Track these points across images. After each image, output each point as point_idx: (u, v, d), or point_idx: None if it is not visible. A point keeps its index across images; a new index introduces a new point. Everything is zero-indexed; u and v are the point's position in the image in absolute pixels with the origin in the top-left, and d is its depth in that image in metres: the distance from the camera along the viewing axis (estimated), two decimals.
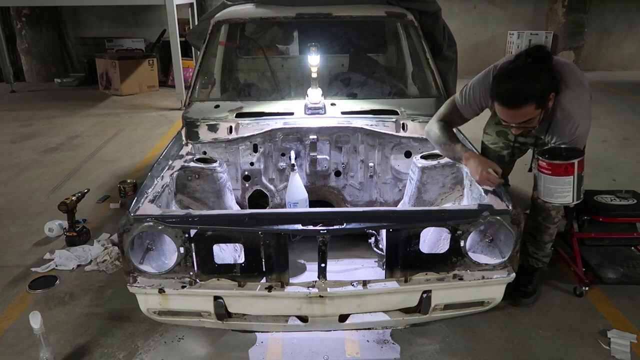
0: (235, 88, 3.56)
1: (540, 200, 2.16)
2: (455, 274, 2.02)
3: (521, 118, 2.07)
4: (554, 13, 9.76)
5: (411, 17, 3.12)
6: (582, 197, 2.12)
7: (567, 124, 2.13)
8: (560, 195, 2.07)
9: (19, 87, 8.71)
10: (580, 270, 2.67)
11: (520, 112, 2.05)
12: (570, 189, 2.05)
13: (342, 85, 3.36)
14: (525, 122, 2.09)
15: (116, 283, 2.75)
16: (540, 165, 2.09)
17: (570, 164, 2.01)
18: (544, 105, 2.06)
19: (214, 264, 1.97)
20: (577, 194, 2.07)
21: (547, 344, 2.29)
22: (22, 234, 3.38)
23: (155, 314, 2.07)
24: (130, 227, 1.90)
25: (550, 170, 2.05)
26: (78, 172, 4.59)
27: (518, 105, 2.03)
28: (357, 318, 2.14)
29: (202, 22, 3.73)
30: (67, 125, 6.26)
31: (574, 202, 2.09)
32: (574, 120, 2.12)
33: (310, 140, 2.71)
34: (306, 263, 2.60)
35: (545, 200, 2.15)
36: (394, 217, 1.96)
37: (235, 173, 2.80)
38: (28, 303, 2.62)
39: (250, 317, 2.10)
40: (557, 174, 2.04)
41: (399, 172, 2.82)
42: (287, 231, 1.92)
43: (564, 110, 2.12)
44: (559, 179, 2.04)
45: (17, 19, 8.95)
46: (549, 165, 2.05)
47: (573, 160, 2.01)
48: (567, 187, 2.05)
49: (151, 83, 8.56)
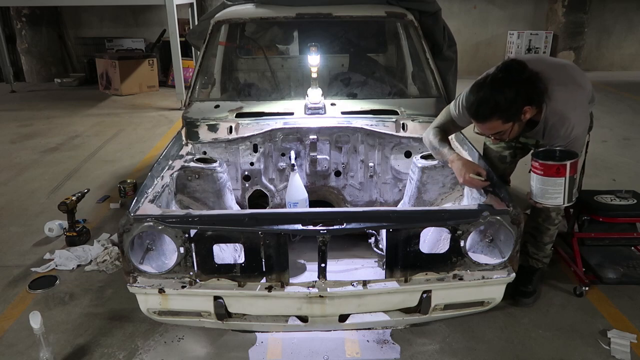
0: (235, 88, 3.56)
1: (531, 201, 2.17)
2: (455, 274, 2.02)
3: (492, 130, 2.11)
4: (554, 13, 9.76)
5: (411, 17, 3.12)
6: (574, 200, 2.11)
7: (562, 126, 2.11)
8: (551, 196, 2.07)
9: (19, 87, 8.71)
10: (580, 270, 2.67)
11: (487, 126, 2.09)
12: (561, 190, 2.04)
13: (342, 85, 3.36)
14: (497, 134, 2.11)
15: (116, 283, 2.75)
16: (533, 166, 2.09)
17: (562, 166, 2.00)
18: (514, 119, 2.05)
19: (214, 264, 1.97)
20: (568, 196, 2.06)
21: (547, 344, 2.29)
22: (22, 234, 3.38)
23: (155, 314, 2.07)
24: (130, 227, 1.90)
25: (542, 171, 2.04)
26: (78, 172, 4.59)
27: (482, 120, 2.07)
28: (357, 318, 2.14)
29: (202, 22, 3.73)
30: (67, 125, 6.26)
31: (564, 204, 2.09)
32: (568, 122, 2.11)
33: (310, 140, 2.71)
34: (306, 263, 2.60)
35: (536, 201, 2.14)
36: (394, 217, 1.96)
37: (235, 173, 2.80)
38: (28, 303, 2.62)
39: (250, 317, 2.10)
40: (548, 174, 2.03)
41: (399, 172, 2.82)
42: (287, 231, 1.92)
43: (557, 113, 2.11)
44: (550, 180, 2.04)
45: (17, 19, 8.95)
46: (541, 166, 2.04)
47: (565, 162, 2.00)
48: (558, 189, 2.04)
49: (151, 83, 8.56)
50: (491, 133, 2.14)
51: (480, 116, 2.07)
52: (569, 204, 2.13)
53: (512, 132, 2.12)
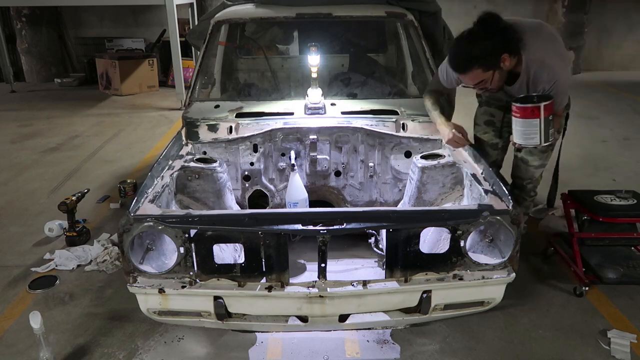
0: (235, 88, 3.56)
1: (513, 143, 2.30)
2: (455, 274, 2.02)
3: (474, 80, 2.25)
4: (554, 13, 9.75)
5: (411, 17, 3.12)
6: (551, 141, 2.25)
7: (544, 71, 2.21)
8: (528, 137, 2.21)
9: (19, 87, 8.71)
10: (580, 270, 2.67)
11: (468, 76, 2.24)
12: (537, 131, 2.18)
13: (342, 85, 3.36)
14: (480, 83, 2.24)
15: (116, 283, 2.75)
16: (512, 110, 2.22)
17: (536, 107, 2.13)
18: (494, 67, 2.18)
19: (214, 264, 1.97)
20: (544, 136, 2.19)
21: (547, 344, 2.30)
22: (22, 234, 3.38)
23: (155, 314, 2.07)
24: (130, 227, 1.90)
25: (519, 114, 2.18)
26: (78, 172, 4.59)
27: (463, 70, 2.24)
28: (357, 318, 2.14)
29: (202, 22, 3.73)
30: (67, 125, 6.26)
31: (541, 144, 2.22)
32: (550, 67, 2.21)
33: (310, 140, 2.71)
34: (306, 263, 2.60)
35: (516, 142, 2.28)
36: (394, 217, 1.96)
37: (235, 173, 2.80)
38: (28, 303, 2.62)
39: (250, 317, 2.10)
40: (524, 116, 2.17)
41: (399, 172, 2.82)
42: (287, 231, 1.92)
43: (537, 61, 2.21)
44: (526, 121, 2.18)
45: (17, 19, 8.94)
46: (518, 109, 2.18)
47: (539, 104, 2.13)
48: (534, 129, 2.18)
49: (151, 83, 8.56)
50: (474, 83, 2.27)
51: (460, 68, 2.24)
52: (546, 144, 2.25)
53: (494, 81, 2.24)
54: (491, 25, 2.15)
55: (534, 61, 2.21)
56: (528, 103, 2.16)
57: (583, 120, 6.11)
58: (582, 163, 4.64)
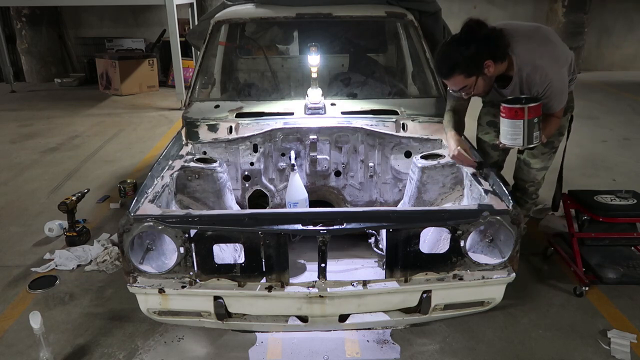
0: (235, 88, 3.56)
1: (498, 142, 2.33)
2: (455, 274, 2.02)
3: (457, 85, 2.27)
4: (554, 13, 9.74)
5: (411, 17, 3.12)
6: (535, 143, 2.24)
7: (536, 73, 2.21)
8: (512, 137, 2.23)
9: (19, 87, 8.71)
10: (580, 270, 2.67)
11: (451, 82, 2.27)
12: (520, 132, 2.19)
13: (342, 85, 3.36)
14: (464, 88, 2.26)
15: (116, 283, 2.75)
16: (500, 110, 2.24)
17: (520, 109, 2.14)
18: (476, 73, 2.19)
19: (214, 264, 1.97)
20: (527, 138, 2.20)
21: (547, 344, 2.30)
22: (22, 234, 3.38)
23: (155, 314, 2.07)
24: (130, 227, 1.90)
25: (505, 114, 2.21)
26: (78, 172, 4.59)
27: (445, 76, 2.27)
28: (357, 318, 2.14)
29: (202, 22, 3.73)
30: (67, 125, 6.26)
31: (524, 145, 2.23)
32: (541, 69, 2.21)
33: (310, 140, 2.71)
34: (306, 263, 2.60)
35: (501, 142, 2.30)
36: (394, 217, 1.96)
37: (235, 173, 2.80)
38: (28, 303, 2.62)
39: (250, 317, 2.10)
40: (509, 116, 2.19)
41: (399, 172, 2.82)
42: (287, 231, 1.92)
43: (528, 63, 2.22)
44: (511, 122, 2.19)
45: (17, 19, 8.94)
46: (504, 109, 2.21)
47: (524, 106, 2.14)
48: (517, 130, 2.19)
49: (151, 83, 8.55)
50: (458, 89, 2.29)
51: (443, 73, 2.28)
52: (529, 146, 2.26)
53: (478, 86, 2.25)
54: (474, 31, 2.16)
55: (525, 64, 2.22)
56: (514, 104, 2.18)
57: (583, 120, 6.10)
58: (582, 163, 4.64)
